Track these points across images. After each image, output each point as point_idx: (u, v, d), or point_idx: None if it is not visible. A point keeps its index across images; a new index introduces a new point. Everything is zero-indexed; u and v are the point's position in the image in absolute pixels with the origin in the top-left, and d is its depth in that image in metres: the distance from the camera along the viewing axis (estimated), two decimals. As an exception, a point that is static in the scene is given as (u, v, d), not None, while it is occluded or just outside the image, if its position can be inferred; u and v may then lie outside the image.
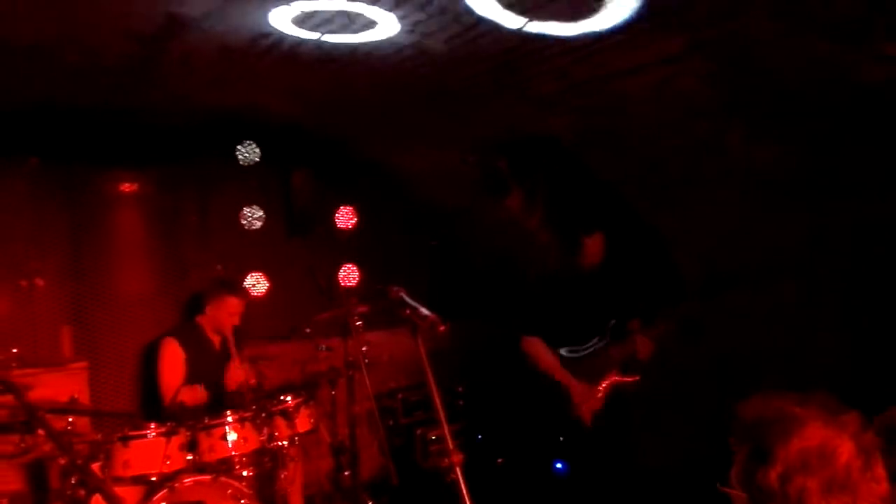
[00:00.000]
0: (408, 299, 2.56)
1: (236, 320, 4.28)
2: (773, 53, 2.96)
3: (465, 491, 2.20)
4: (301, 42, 3.70)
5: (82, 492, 3.26)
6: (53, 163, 4.65)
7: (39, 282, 4.57)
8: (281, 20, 3.38)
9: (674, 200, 4.24)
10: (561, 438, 3.91)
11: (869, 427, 1.38)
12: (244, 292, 4.53)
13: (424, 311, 2.52)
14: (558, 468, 4.16)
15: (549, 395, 3.90)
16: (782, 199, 3.65)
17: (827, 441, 1.36)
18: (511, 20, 3.16)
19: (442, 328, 2.46)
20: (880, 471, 1.38)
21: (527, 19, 3.10)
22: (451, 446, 2.25)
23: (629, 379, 3.78)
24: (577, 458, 3.96)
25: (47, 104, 4.41)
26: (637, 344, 3.76)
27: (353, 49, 3.80)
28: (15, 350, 3.71)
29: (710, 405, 3.20)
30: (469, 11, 3.10)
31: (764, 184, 3.66)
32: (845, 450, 1.35)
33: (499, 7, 3.07)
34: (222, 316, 4.24)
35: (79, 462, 2.80)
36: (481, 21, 3.23)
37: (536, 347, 3.92)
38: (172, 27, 3.49)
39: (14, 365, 3.66)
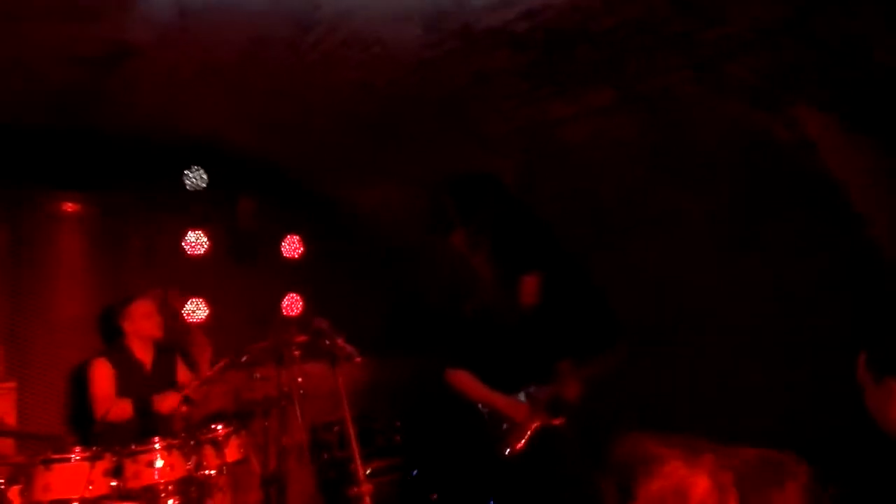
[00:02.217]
0: (328, 330, 2.61)
1: (156, 320, 4.22)
2: (695, 111, 3.13)
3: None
4: (251, 71, 3.79)
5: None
6: (-4, 179, 4.61)
7: (-29, 299, 4.49)
8: None
9: (609, 245, 4.38)
10: (492, 478, 3.93)
11: (726, 465, 1.47)
12: (149, 294, 4.44)
13: (343, 342, 2.57)
14: (491, 505, 4.19)
15: (479, 432, 3.94)
16: (708, 250, 3.80)
17: (684, 479, 1.44)
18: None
19: (358, 360, 2.52)
20: None
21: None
22: (361, 476, 2.29)
23: (555, 421, 3.83)
24: (508, 496, 3.99)
25: (-8, 121, 4.40)
26: (565, 385, 3.83)
27: (302, 81, 3.89)
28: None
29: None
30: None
31: (691, 234, 3.81)
32: (700, 487, 1.44)
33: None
34: (140, 323, 4.19)
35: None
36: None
37: (463, 378, 3.94)
38: (120, 53, 3.53)
39: None
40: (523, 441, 3.78)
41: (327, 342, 2.56)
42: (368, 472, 4.95)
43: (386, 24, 3.15)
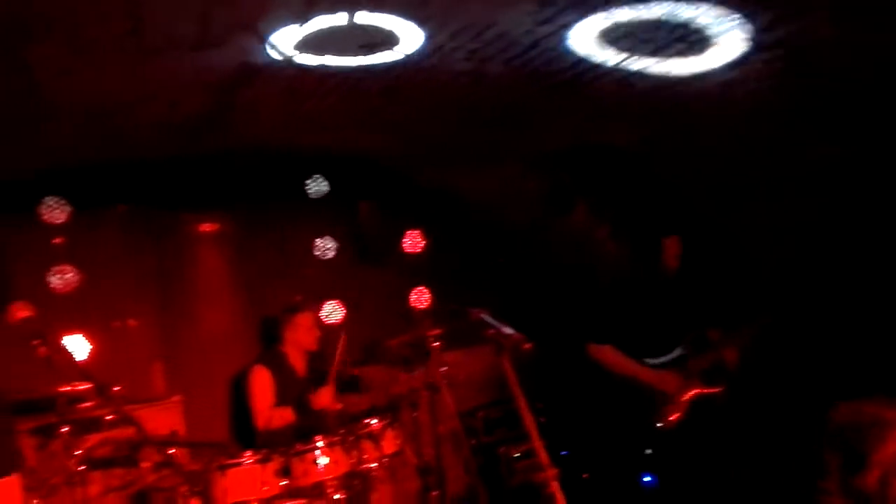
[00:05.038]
0: (490, 319, 2.62)
1: (317, 333, 4.40)
2: (836, 54, 2.93)
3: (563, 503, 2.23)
4: (364, 77, 3.85)
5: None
6: (140, 208, 4.94)
7: (132, 322, 4.84)
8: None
9: (742, 204, 4.20)
10: (647, 452, 3.87)
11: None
12: (310, 306, 4.61)
13: (508, 330, 2.57)
14: (647, 481, 4.12)
15: (631, 407, 3.88)
16: (847, 201, 3.57)
17: None
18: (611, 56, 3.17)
19: (527, 346, 2.51)
20: None
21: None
22: (545, 460, 2.29)
23: (713, 390, 3.72)
24: (666, 470, 3.91)
25: (131, 155, 4.70)
26: (722, 353, 3.70)
27: (413, 80, 3.92)
28: (118, 388, 3.93)
29: (798, 415, 3.15)
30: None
31: (830, 185, 3.59)
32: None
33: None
34: (302, 335, 4.37)
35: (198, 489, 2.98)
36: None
37: (610, 353, 3.89)
38: (244, 75, 3.68)
39: (117, 402, 3.87)
40: (680, 412, 3.69)
41: (491, 331, 2.57)
42: (517, 455, 5.00)
43: (500, 6, 3.11)
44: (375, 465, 3.88)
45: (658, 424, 3.73)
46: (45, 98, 3.52)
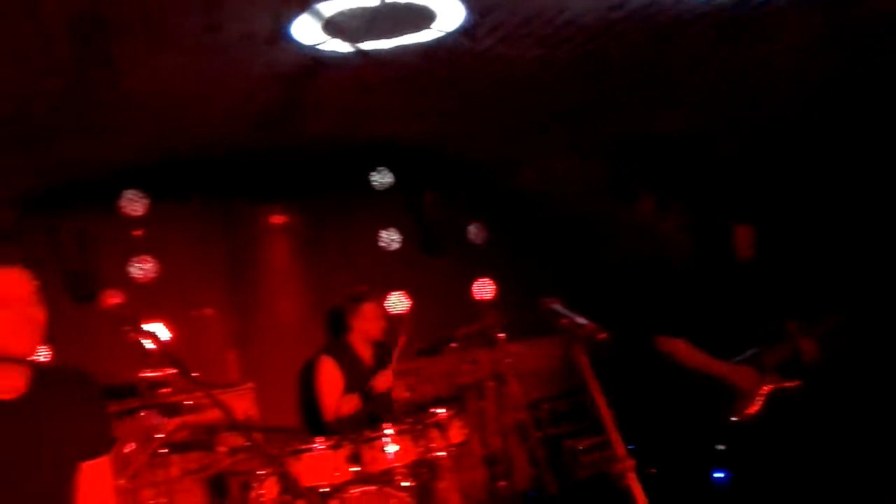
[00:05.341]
0: (563, 309, 2.58)
1: (383, 323, 4.41)
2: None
3: (641, 495, 2.19)
4: (428, 66, 3.86)
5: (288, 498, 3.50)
6: (213, 200, 5.08)
7: (208, 311, 4.98)
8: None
9: (818, 192, 4.05)
10: (719, 447, 3.77)
11: None
12: (376, 295, 4.63)
13: (582, 319, 2.52)
14: (718, 477, 4.02)
15: (703, 401, 3.78)
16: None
17: None
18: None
19: (602, 336, 2.46)
20: None
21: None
22: (622, 452, 2.25)
23: (789, 384, 3.59)
24: (739, 467, 3.80)
25: (206, 147, 4.83)
26: (800, 345, 3.57)
27: (475, 68, 3.91)
28: (196, 374, 4.05)
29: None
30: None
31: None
32: None
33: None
34: (368, 325, 4.38)
35: (282, 470, 3.04)
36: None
37: (682, 347, 3.79)
38: (314, 67, 3.74)
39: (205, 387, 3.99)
40: (756, 406, 3.58)
41: (564, 321, 2.52)
42: (582, 447, 4.95)
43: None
44: (443, 453, 3.90)
45: (733, 419, 3.63)
46: (125, 91, 3.65)
